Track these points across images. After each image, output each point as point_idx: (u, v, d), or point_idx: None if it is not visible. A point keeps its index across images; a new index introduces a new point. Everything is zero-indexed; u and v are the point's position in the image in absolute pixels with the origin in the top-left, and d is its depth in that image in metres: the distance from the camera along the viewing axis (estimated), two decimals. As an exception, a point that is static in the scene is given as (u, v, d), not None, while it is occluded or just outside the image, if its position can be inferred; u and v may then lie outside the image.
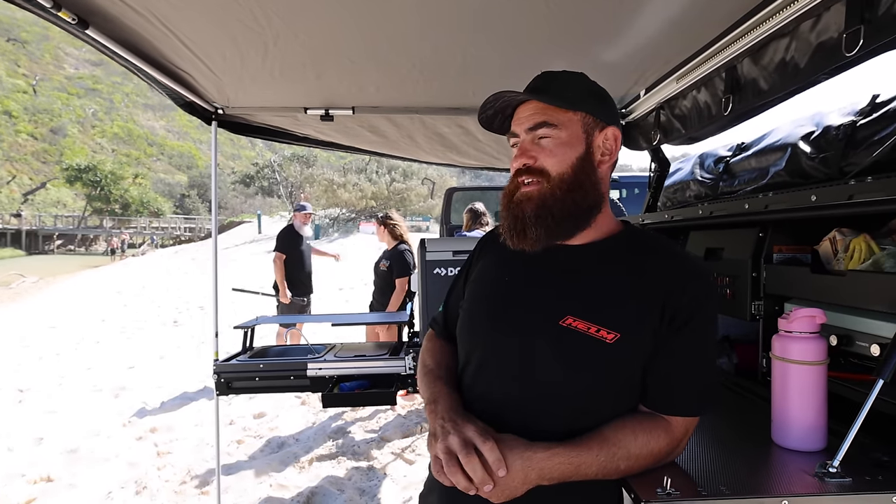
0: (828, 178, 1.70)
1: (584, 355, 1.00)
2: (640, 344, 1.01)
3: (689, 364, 1.02)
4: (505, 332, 1.08)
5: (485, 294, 1.17)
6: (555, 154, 1.05)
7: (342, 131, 3.22)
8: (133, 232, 50.07)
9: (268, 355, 3.00)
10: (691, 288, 1.02)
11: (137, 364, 7.08)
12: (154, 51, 2.12)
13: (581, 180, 1.05)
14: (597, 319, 1.00)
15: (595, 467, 0.95)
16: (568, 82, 1.11)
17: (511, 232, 1.08)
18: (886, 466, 1.04)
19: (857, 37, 1.27)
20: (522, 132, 1.09)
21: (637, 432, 0.99)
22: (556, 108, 1.06)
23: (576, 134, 1.07)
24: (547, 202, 1.04)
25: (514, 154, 1.10)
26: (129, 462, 4.01)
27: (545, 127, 1.05)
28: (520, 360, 1.05)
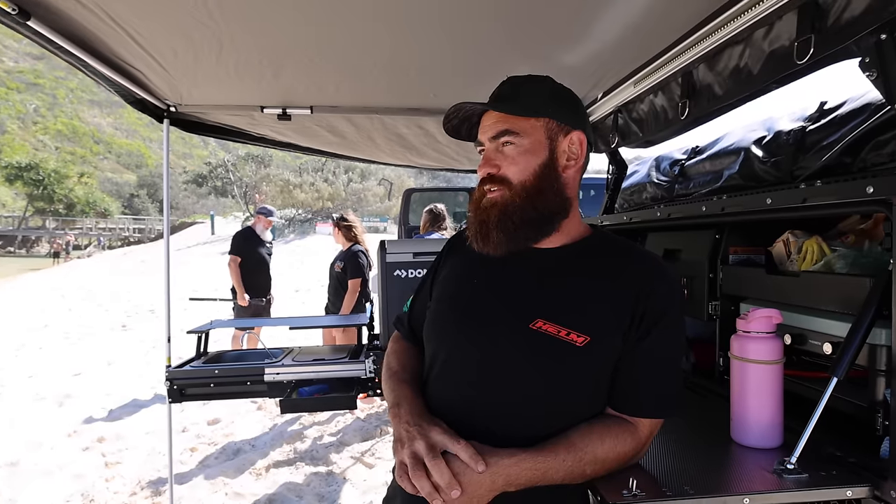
0: (779, 182, 1.75)
1: (554, 359, 1.00)
2: (610, 347, 1.01)
3: (657, 367, 1.03)
4: (473, 334, 1.07)
5: (452, 295, 1.16)
6: (517, 162, 1.06)
7: (300, 131, 3.16)
8: (79, 233, 48.11)
9: (223, 360, 2.91)
10: (660, 291, 1.03)
11: (83, 371, 6.79)
12: (101, 45, 2.03)
13: (543, 187, 1.06)
14: (566, 322, 1.00)
15: (562, 472, 0.95)
16: (532, 88, 1.11)
17: (476, 236, 1.09)
18: (840, 462, 1.08)
19: (808, 45, 1.32)
20: (486, 140, 1.10)
21: (604, 436, 0.99)
22: (520, 116, 1.07)
23: (538, 140, 1.07)
24: (508, 209, 1.05)
25: (480, 162, 1.11)
26: (75, 474, 3.83)
27: (507, 135, 1.06)
28: (489, 363, 1.04)
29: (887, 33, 1.13)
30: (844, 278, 1.20)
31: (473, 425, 1.01)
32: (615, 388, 1.04)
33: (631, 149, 2.70)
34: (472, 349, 1.06)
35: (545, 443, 0.97)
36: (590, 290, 1.04)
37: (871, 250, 1.27)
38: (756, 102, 1.82)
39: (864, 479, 1.01)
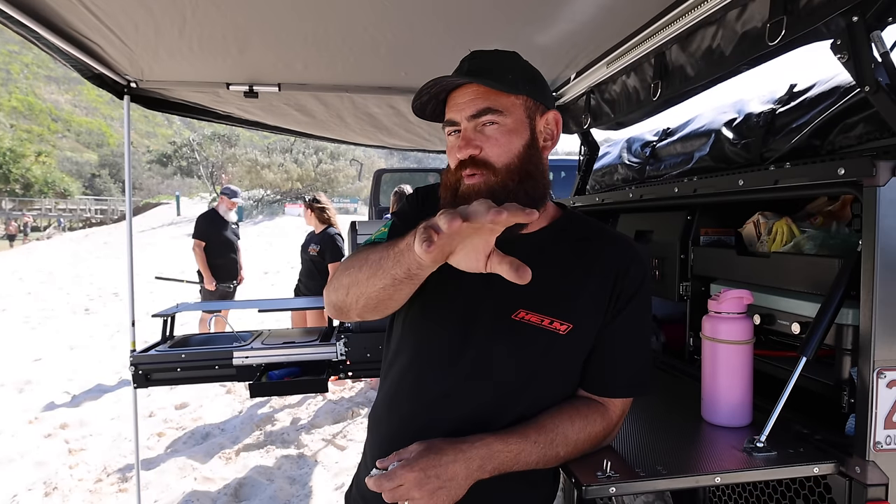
0: (749, 164, 1.77)
1: (538, 348, 0.99)
2: (591, 333, 1.01)
3: (627, 348, 1.03)
4: (456, 324, 1.03)
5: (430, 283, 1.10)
6: (500, 143, 0.97)
7: (268, 109, 3.07)
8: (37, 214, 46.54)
9: (190, 344, 2.85)
10: (633, 272, 1.02)
11: (44, 356, 6.61)
12: (56, 17, 1.93)
13: (530, 169, 1.00)
14: (549, 311, 0.99)
15: (535, 455, 0.94)
16: (507, 63, 1.03)
17: None
18: (807, 439, 1.10)
19: (780, 27, 1.32)
20: (463, 120, 0.99)
21: (574, 418, 0.99)
22: (499, 92, 0.98)
23: (520, 119, 1.00)
24: (499, 195, 0.94)
25: (454, 143, 1.01)
26: (37, 461, 3.74)
27: (490, 113, 0.97)
28: (471, 353, 1.01)
29: (859, 15, 1.14)
30: (814, 259, 1.21)
31: (455, 415, 1.00)
32: (586, 370, 1.04)
33: (602, 130, 2.70)
34: (454, 341, 1.03)
35: (514, 427, 0.96)
36: (569, 276, 1.02)
37: (839, 231, 1.29)
38: (727, 84, 1.83)
39: (831, 455, 1.03)
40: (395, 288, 0.91)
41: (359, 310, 1.01)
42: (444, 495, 0.89)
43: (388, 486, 0.87)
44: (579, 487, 0.92)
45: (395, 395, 1.10)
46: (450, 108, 1.03)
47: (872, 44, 1.14)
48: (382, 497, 0.89)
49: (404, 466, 0.88)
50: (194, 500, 3.17)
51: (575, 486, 0.94)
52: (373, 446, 1.13)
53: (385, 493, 0.88)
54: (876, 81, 1.12)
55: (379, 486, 0.88)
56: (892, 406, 0.97)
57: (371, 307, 0.99)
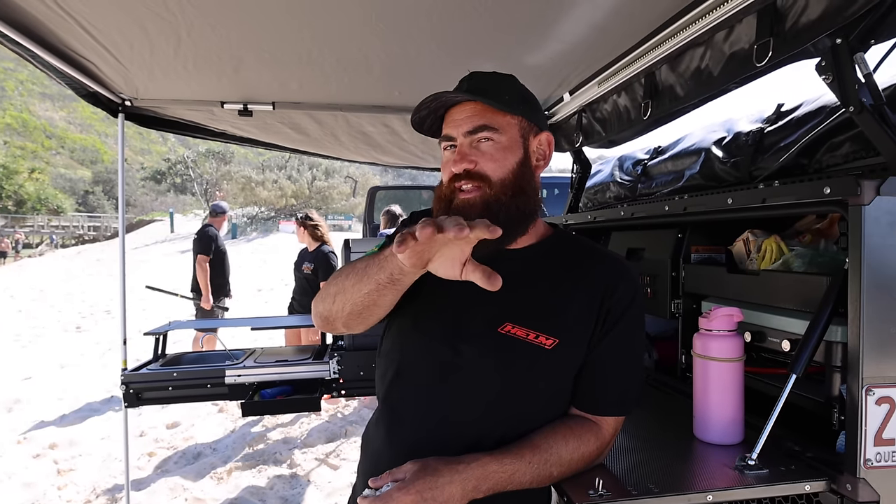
0: (738, 182, 1.79)
1: (524, 362, 0.99)
2: (578, 348, 1.01)
3: (619, 366, 1.04)
4: (443, 340, 1.04)
5: (420, 298, 1.11)
6: (496, 159, 1.01)
7: (262, 127, 3.09)
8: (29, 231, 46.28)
9: (182, 363, 2.83)
10: (622, 289, 1.03)
11: (34, 374, 6.54)
12: (51, 36, 1.94)
13: (523, 186, 1.03)
14: (535, 326, 1.00)
15: (529, 475, 0.94)
16: (503, 85, 1.08)
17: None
18: (798, 457, 1.10)
19: (767, 48, 1.34)
20: (460, 135, 1.03)
21: (568, 437, 0.99)
22: (496, 110, 1.02)
23: (514, 138, 1.04)
24: (492, 208, 0.99)
25: (449, 157, 1.05)
26: (25, 483, 3.68)
27: (486, 130, 1.01)
28: (459, 368, 1.02)
29: (842, 38, 1.16)
30: (802, 277, 1.22)
31: (443, 431, 1.00)
32: (578, 388, 1.04)
33: (594, 149, 2.73)
34: (442, 355, 1.03)
35: (509, 446, 0.96)
36: (557, 291, 1.03)
37: (827, 249, 1.30)
38: (716, 103, 1.85)
39: (822, 473, 1.03)
40: (379, 293, 0.94)
41: (344, 318, 1.03)
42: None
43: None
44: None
45: (384, 412, 1.10)
46: (447, 124, 1.06)
47: (856, 65, 1.16)
48: None
49: (401, 489, 0.87)
50: (185, 521, 3.13)
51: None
52: (365, 465, 1.12)
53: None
54: (860, 102, 1.14)
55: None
56: (882, 423, 0.98)
57: (356, 314, 1.01)
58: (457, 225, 0.73)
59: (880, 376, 0.97)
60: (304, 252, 4.90)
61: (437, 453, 0.94)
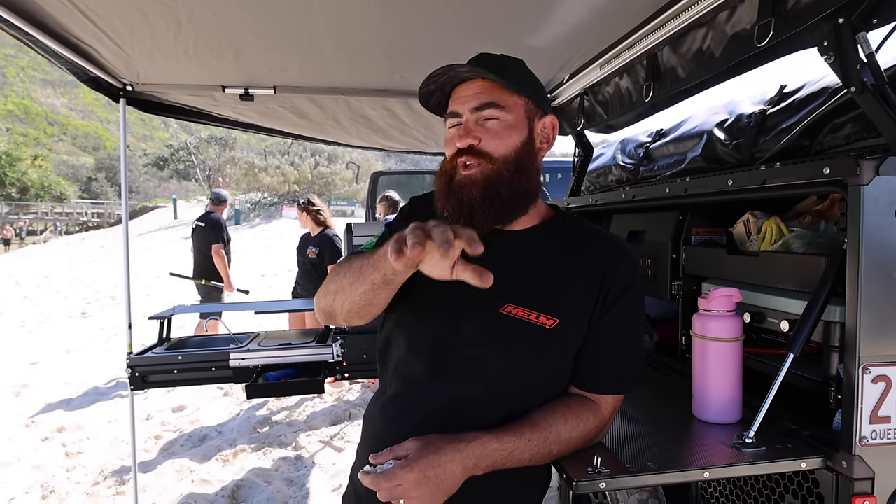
0: (740, 164, 1.79)
1: (525, 342, 1.00)
2: (578, 328, 1.02)
3: (619, 345, 1.05)
4: (445, 321, 1.05)
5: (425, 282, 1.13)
6: (500, 137, 1.02)
7: (263, 112, 3.09)
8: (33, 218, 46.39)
9: (187, 346, 2.86)
10: (622, 269, 1.04)
11: (41, 360, 6.60)
12: (52, 21, 1.94)
13: (526, 165, 1.04)
14: (536, 306, 1.00)
15: (528, 453, 0.95)
16: (513, 65, 1.09)
17: (456, 216, 1.02)
18: (795, 435, 1.12)
19: (768, 28, 1.34)
20: (466, 111, 1.04)
21: (567, 416, 1.00)
22: (504, 89, 1.03)
23: (520, 118, 1.05)
24: (493, 184, 1.00)
25: (454, 133, 1.05)
26: (34, 465, 3.73)
27: (493, 108, 1.02)
28: (461, 349, 1.03)
29: (844, 17, 1.15)
30: (801, 257, 1.23)
31: (445, 411, 1.01)
32: (578, 366, 1.06)
33: (596, 132, 2.72)
34: (445, 336, 1.05)
35: (509, 425, 0.97)
36: (557, 272, 1.04)
37: (828, 230, 1.31)
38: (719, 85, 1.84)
39: (818, 450, 1.05)
40: (375, 293, 0.98)
41: (344, 314, 1.07)
42: (441, 495, 0.90)
43: (385, 486, 0.87)
44: (570, 483, 0.94)
45: (386, 393, 1.12)
46: (454, 100, 1.07)
47: (858, 45, 1.16)
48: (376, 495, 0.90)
49: (403, 467, 0.88)
50: (192, 502, 3.17)
51: (566, 481, 0.95)
52: (365, 444, 1.14)
53: (381, 493, 0.88)
54: (862, 82, 1.14)
55: (376, 485, 0.88)
56: (878, 401, 0.99)
57: (355, 311, 1.05)
58: (444, 241, 0.76)
59: (877, 355, 0.98)
60: (307, 237, 4.91)
61: (438, 433, 0.95)
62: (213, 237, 5.60)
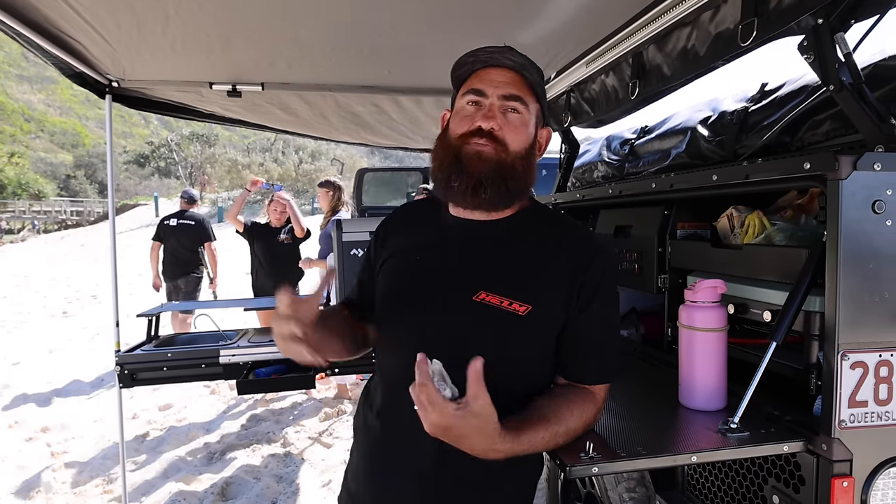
0: (724, 160, 1.83)
1: (499, 329, 1.03)
2: (551, 315, 1.04)
3: (603, 335, 1.08)
4: (421, 310, 1.08)
5: (399, 274, 1.16)
6: (518, 132, 1.06)
7: (251, 108, 3.09)
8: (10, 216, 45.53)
9: (175, 343, 2.86)
10: (597, 262, 1.07)
11: (22, 360, 6.52)
12: (37, 14, 1.93)
13: (529, 164, 1.08)
14: (509, 293, 1.03)
15: (542, 446, 0.97)
16: (537, 71, 1.11)
17: (464, 188, 1.03)
18: (777, 420, 1.16)
19: (751, 28, 1.38)
20: (495, 95, 1.05)
21: (572, 408, 1.02)
22: (529, 90, 1.08)
23: (531, 121, 1.09)
24: (505, 169, 1.03)
25: (472, 111, 1.06)
26: (19, 465, 3.70)
27: (518, 102, 1.05)
28: (437, 337, 1.05)
29: (823, 18, 1.20)
30: (783, 250, 1.27)
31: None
32: (567, 360, 1.08)
33: (582, 128, 2.76)
34: (421, 324, 1.08)
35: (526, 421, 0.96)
36: (529, 259, 1.07)
37: (808, 224, 1.35)
38: (703, 82, 1.89)
39: (799, 434, 1.09)
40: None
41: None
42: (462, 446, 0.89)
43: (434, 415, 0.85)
44: (563, 468, 0.97)
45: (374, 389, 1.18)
46: (481, 79, 1.07)
47: (836, 45, 1.20)
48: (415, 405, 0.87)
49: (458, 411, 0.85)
50: (181, 499, 3.17)
51: (559, 466, 0.99)
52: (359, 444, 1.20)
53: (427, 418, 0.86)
54: (840, 81, 1.18)
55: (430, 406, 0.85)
56: (856, 386, 1.03)
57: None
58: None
59: (855, 342, 1.03)
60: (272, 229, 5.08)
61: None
62: (205, 235, 5.72)
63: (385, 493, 1.11)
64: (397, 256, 1.17)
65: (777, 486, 1.19)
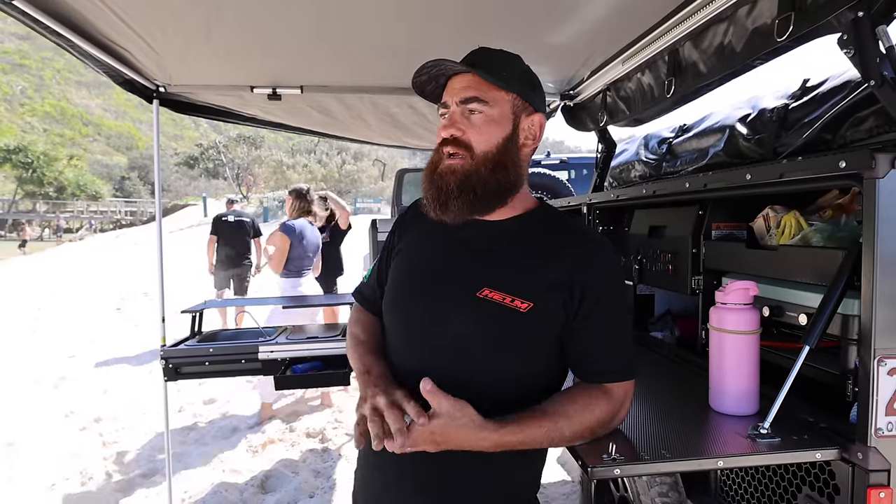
0: (763, 159, 1.79)
1: (501, 325, 1.03)
2: (552, 313, 1.04)
3: (610, 333, 1.06)
4: (426, 306, 1.10)
5: (408, 269, 1.19)
6: (482, 131, 1.07)
7: (290, 111, 3.16)
8: (70, 216, 47.74)
9: (217, 339, 2.94)
10: (599, 261, 1.06)
11: (78, 353, 6.83)
12: (88, 25, 2.02)
13: (504, 160, 1.08)
14: (511, 290, 1.04)
15: (541, 437, 0.97)
16: (505, 61, 1.12)
17: (434, 203, 1.09)
18: (811, 427, 1.13)
19: (788, 23, 1.34)
20: (453, 103, 1.09)
21: (577, 403, 1.01)
22: (490, 85, 1.07)
23: (505, 114, 1.08)
24: (471, 178, 1.06)
25: (442, 123, 1.10)
26: (73, 453, 3.88)
27: (477, 102, 1.06)
28: (442, 333, 1.07)
29: (864, 10, 1.16)
30: (818, 251, 1.23)
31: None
32: (580, 359, 1.07)
33: (620, 127, 2.72)
34: (426, 320, 1.10)
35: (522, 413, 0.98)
36: (532, 259, 1.07)
37: (848, 224, 1.31)
38: (743, 80, 1.84)
39: (834, 442, 1.05)
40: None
41: None
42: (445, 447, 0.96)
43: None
44: (586, 469, 0.97)
45: None
46: (446, 91, 1.13)
47: (878, 38, 1.16)
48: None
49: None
50: (223, 490, 3.27)
51: (582, 467, 0.98)
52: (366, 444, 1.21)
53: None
54: (881, 75, 1.14)
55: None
56: (894, 393, 0.99)
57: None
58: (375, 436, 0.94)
59: (893, 347, 0.99)
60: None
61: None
62: (255, 231, 6.95)
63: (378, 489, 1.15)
64: (406, 251, 1.21)
65: (811, 494, 1.16)
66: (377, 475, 1.15)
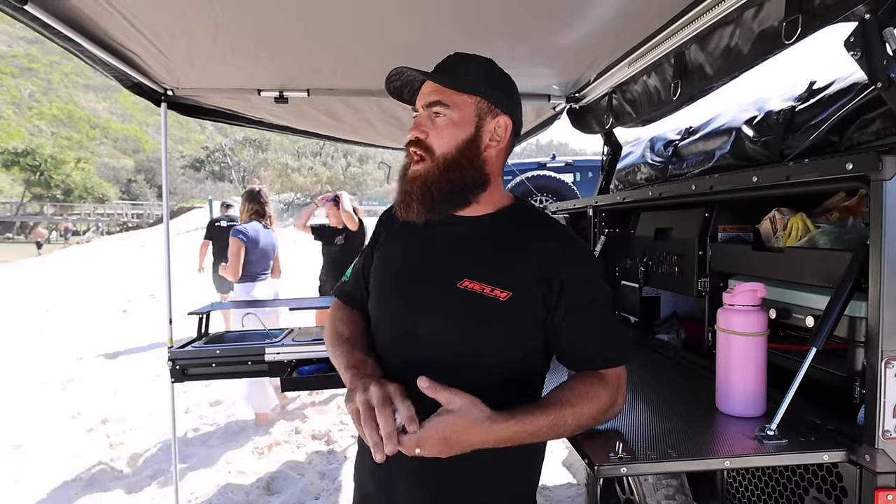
0: (769, 161, 1.78)
1: (482, 314, 1.06)
2: (531, 302, 1.06)
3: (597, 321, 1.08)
4: (408, 299, 1.13)
5: (389, 267, 1.22)
6: (443, 134, 1.11)
7: (297, 114, 3.17)
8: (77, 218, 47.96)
9: (224, 341, 2.96)
10: (574, 254, 1.09)
11: (85, 355, 6.86)
12: (98, 29, 2.04)
13: (461, 162, 1.11)
14: (490, 280, 1.06)
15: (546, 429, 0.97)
16: (472, 67, 1.16)
17: (400, 205, 1.15)
18: (819, 429, 1.13)
19: (796, 25, 1.34)
20: (420, 107, 1.15)
21: (575, 391, 1.02)
22: (453, 89, 1.12)
23: (467, 116, 1.12)
24: (429, 181, 1.11)
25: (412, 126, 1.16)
26: (79, 454, 3.90)
27: (438, 106, 1.11)
28: (424, 325, 1.10)
29: (871, 12, 1.16)
30: (825, 253, 1.23)
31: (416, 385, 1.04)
32: (570, 350, 1.09)
33: (626, 128, 2.72)
34: (409, 313, 1.12)
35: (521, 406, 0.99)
36: (508, 250, 1.10)
37: (855, 226, 1.31)
38: (749, 81, 1.84)
39: (841, 444, 1.05)
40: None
41: None
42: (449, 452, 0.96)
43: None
44: (592, 467, 0.97)
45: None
46: (418, 96, 1.19)
47: (885, 40, 1.16)
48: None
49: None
50: (229, 492, 3.28)
51: (588, 465, 0.99)
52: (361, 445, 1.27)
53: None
54: (888, 77, 1.14)
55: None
56: (901, 395, 0.99)
57: None
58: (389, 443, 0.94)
59: (900, 349, 0.99)
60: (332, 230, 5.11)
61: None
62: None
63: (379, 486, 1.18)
64: (387, 249, 1.25)
65: (818, 496, 1.16)
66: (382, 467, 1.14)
